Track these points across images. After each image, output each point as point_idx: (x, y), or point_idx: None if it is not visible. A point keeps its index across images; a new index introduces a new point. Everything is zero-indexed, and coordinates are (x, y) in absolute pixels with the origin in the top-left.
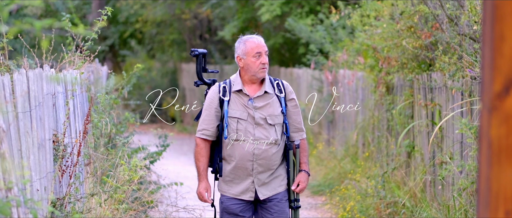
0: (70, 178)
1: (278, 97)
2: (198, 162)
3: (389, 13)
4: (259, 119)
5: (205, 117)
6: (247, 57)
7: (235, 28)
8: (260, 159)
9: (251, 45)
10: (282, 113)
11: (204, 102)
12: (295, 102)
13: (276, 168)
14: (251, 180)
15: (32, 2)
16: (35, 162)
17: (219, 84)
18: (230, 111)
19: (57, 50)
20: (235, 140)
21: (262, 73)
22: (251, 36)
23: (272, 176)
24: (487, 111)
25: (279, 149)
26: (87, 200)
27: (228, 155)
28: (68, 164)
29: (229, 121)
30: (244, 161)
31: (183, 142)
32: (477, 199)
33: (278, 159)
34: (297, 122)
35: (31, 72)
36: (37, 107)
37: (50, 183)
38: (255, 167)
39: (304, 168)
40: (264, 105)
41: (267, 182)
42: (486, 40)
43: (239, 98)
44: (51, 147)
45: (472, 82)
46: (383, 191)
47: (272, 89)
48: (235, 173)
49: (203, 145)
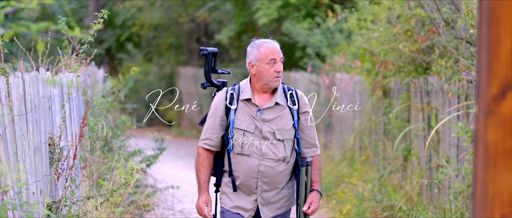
0: (66, 181)
1: (291, 109)
2: (199, 173)
3: (386, 16)
4: (267, 133)
5: (209, 125)
6: (260, 64)
7: (232, 31)
8: (265, 176)
9: (265, 51)
10: (293, 128)
11: (210, 107)
12: (309, 116)
13: (282, 187)
14: (254, 198)
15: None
16: (31, 165)
17: (227, 90)
18: (236, 122)
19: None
20: (240, 153)
21: (276, 82)
22: (265, 41)
23: (278, 196)
24: (484, 114)
25: (288, 167)
26: (83, 203)
27: (232, 169)
28: (64, 167)
29: (235, 132)
30: (248, 177)
31: (180, 146)
32: (473, 203)
33: (286, 177)
34: (310, 137)
35: (27, 75)
36: (33, 110)
37: (46, 186)
38: (259, 185)
39: (317, 188)
40: (274, 118)
41: (272, 203)
42: (483, 43)
43: (247, 107)
44: (47, 150)
45: (469, 85)
46: (380, 194)
47: (284, 100)
48: (238, 188)
49: (206, 155)
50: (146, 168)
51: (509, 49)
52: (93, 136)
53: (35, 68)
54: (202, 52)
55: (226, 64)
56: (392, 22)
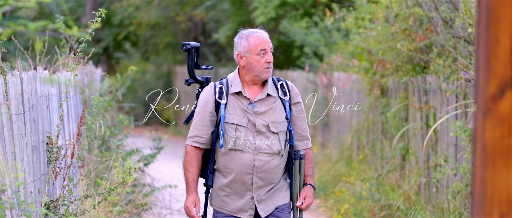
0: (64, 180)
1: (282, 100)
2: (187, 172)
3: (383, 15)
4: (261, 126)
5: (198, 122)
6: (250, 55)
7: (229, 30)
8: (260, 171)
9: (255, 41)
10: (286, 119)
11: (197, 103)
12: (300, 107)
13: (277, 182)
14: (251, 196)
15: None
16: (28, 164)
17: (215, 85)
18: (227, 116)
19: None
20: (233, 149)
21: (267, 74)
22: (253, 31)
23: (273, 189)
24: (482, 113)
25: (282, 161)
26: (81, 202)
27: (223, 166)
28: (61, 166)
29: (226, 127)
30: (243, 174)
31: (178, 145)
32: (472, 202)
33: (281, 172)
34: (302, 129)
35: (24, 74)
36: (30, 109)
37: (43, 185)
38: (255, 181)
39: (310, 182)
40: (267, 110)
41: (267, 197)
42: (481, 42)
43: (237, 101)
44: (45, 149)
45: (467, 84)
46: (378, 194)
47: (276, 91)
48: (231, 188)
49: (194, 153)
50: (144, 167)
51: (507, 48)
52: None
53: (33, 67)
54: (184, 47)
55: (223, 63)
56: (390, 21)
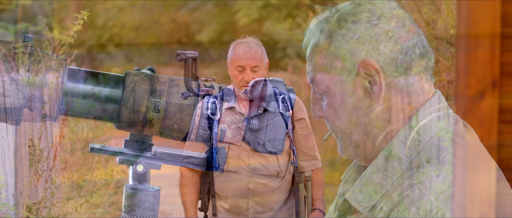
0: (46, 183)
1: (283, 116)
2: (184, 197)
3: None
4: (256, 145)
5: (190, 141)
6: (231, 66)
7: (213, 31)
8: (257, 196)
9: (235, 54)
10: (287, 137)
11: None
12: (305, 123)
13: (279, 208)
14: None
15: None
16: (10, 166)
17: (208, 99)
18: (220, 134)
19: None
20: (226, 170)
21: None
22: (242, 41)
23: (275, 216)
24: (462, 115)
25: (283, 183)
26: (63, 204)
27: (218, 189)
28: (44, 168)
29: (218, 146)
30: (237, 198)
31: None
32: (452, 203)
33: (282, 196)
34: (307, 148)
35: (6, 76)
36: None
37: (26, 187)
38: (251, 206)
39: (319, 207)
40: (264, 127)
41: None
42: (461, 44)
43: (231, 117)
44: (27, 152)
45: (449, 85)
46: None
47: (275, 105)
48: (233, 213)
49: (190, 176)
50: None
51: (487, 50)
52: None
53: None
54: (179, 57)
55: (206, 64)
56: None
